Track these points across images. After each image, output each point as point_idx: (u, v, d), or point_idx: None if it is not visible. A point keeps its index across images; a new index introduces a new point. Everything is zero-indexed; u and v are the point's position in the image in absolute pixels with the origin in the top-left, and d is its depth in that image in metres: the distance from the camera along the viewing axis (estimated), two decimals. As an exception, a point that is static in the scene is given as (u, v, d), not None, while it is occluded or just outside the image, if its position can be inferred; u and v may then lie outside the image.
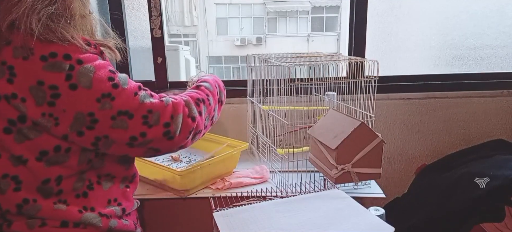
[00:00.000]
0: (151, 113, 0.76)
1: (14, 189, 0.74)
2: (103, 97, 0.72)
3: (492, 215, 1.28)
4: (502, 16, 1.82)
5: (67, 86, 0.69)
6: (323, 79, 1.44)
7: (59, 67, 0.69)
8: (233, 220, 0.88)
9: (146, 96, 0.78)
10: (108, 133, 0.74)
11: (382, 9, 1.77)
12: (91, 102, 0.71)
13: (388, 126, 1.74)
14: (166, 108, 0.78)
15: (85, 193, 0.80)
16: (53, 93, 0.69)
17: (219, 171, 1.31)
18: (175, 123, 0.78)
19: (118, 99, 0.73)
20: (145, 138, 0.76)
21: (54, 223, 0.76)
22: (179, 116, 0.79)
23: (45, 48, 0.69)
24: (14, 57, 0.69)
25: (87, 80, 0.70)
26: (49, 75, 0.69)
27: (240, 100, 1.66)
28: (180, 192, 1.21)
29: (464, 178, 1.38)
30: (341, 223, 0.86)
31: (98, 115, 0.72)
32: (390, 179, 1.79)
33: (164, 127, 0.77)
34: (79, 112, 0.71)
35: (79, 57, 0.71)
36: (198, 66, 11.66)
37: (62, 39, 0.70)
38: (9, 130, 0.71)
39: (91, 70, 0.71)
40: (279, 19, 12.27)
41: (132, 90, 0.76)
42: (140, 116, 0.75)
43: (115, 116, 0.73)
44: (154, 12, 1.60)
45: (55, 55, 0.69)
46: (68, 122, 0.71)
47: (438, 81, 1.75)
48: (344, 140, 1.06)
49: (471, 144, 1.73)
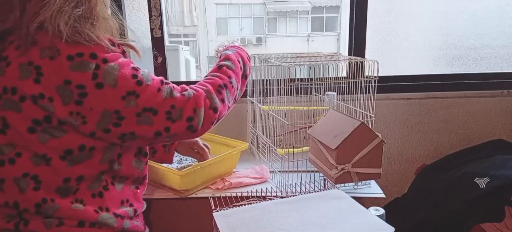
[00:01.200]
0: (174, 108, 0.78)
1: (33, 188, 0.74)
2: (128, 94, 0.74)
3: (492, 215, 1.28)
4: (502, 16, 1.82)
5: (93, 85, 0.71)
6: (323, 79, 1.44)
7: (85, 66, 0.71)
8: (233, 220, 0.88)
9: (169, 91, 0.80)
10: (134, 129, 0.76)
11: (382, 9, 1.77)
12: (117, 100, 0.73)
13: (388, 126, 1.74)
14: (188, 102, 0.80)
15: (100, 193, 0.81)
16: (80, 92, 0.71)
17: (219, 171, 1.31)
18: (198, 117, 0.81)
19: (143, 96, 0.75)
20: (169, 132, 0.79)
21: (71, 223, 0.77)
22: (201, 109, 0.81)
23: (72, 48, 0.71)
24: (41, 58, 0.70)
25: (112, 78, 0.73)
26: (76, 74, 0.70)
27: (240, 100, 1.63)
28: (180, 192, 1.21)
29: (464, 178, 1.38)
30: (341, 223, 0.86)
31: (124, 113, 0.74)
32: (390, 179, 1.79)
33: (187, 121, 0.80)
34: (106, 109, 0.73)
35: (104, 56, 0.73)
36: (198, 66, 11.66)
37: (88, 40, 0.72)
38: (33, 130, 0.72)
39: (115, 68, 0.73)
40: (279, 19, 12.28)
41: (156, 86, 0.78)
42: (164, 112, 0.77)
43: (140, 112, 0.75)
44: (154, 12, 1.60)
45: (82, 54, 0.71)
46: (95, 120, 0.73)
47: (438, 81, 1.75)
48: (344, 140, 1.06)
49: (471, 144, 1.73)
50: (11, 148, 0.73)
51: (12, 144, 0.73)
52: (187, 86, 0.85)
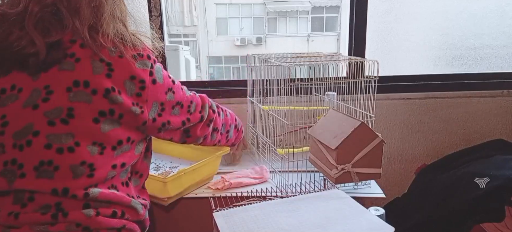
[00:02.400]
0: (191, 103, 1.01)
1: (87, 175, 0.79)
2: (168, 90, 0.91)
3: (492, 215, 1.28)
4: (502, 16, 1.82)
5: (150, 80, 0.86)
6: (323, 79, 1.44)
7: (145, 64, 0.85)
8: (233, 220, 0.88)
9: (187, 90, 1.01)
10: (170, 119, 0.93)
11: (382, 9, 1.77)
12: (163, 93, 0.90)
13: (388, 126, 1.74)
14: (199, 99, 1.05)
15: (127, 183, 0.90)
16: (141, 86, 0.84)
17: (200, 178, 1.27)
18: (205, 110, 1.05)
19: (176, 92, 0.95)
20: (190, 122, 1.01)
21: (107, 212, 0.82)
22: (206, 105, 1.06)
23: (132, 49, 0.85)
24: (110, 55, 0.81)
25: (161, 76, 0.89)
26: (139, 71, 0.84)
27: (240, 100, 1.66)
28: (162, 200, 1.17)
29: (464, 178, 1.38)
30: (341, 223, 0.86)
31: (165, 104, 0.91)
32: (390, 179, 1.79)
33: (199, 113, 1.04)
34: (155, 101, 0.88)
35: (153, 57, 0.89)
36: (198, 66, 11.67)
37: (140, 43, 0.88)
38: (97, 120, 0.79)
39: (160, 68, 0.90)
40: (279, 19, 12.28)
41: (180, 85, 0.98)
42: (187, 106, 0.99)
43: (174, 105, 0.94)
44: (154, 12, 1.60)
45: (142, 55, 0.86)
46: (148, 109, 0.87)
47: (438, 81, 1.75)
48: (344, 140, 1.06)
49: (471, 144, 1.73)
50: (70, 138, 0.77)
51: (72, 134, 0.77)
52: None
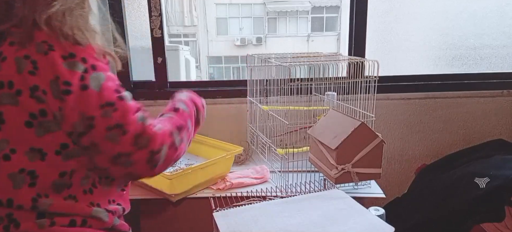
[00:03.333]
0: (142, 135, 0.77)
1: (29, 185, 0.74)
2: (107, 105, 0.74)
3: (492, 215, 1.28)
4: (502, 16, 1.82)
5: (79, 85, 0.72)
6: (323, 79, 1.44)
7: (76, 66, 0.72)
8: (233, 220, 0.88)
9: (144, 117, 0.79)
10: (99, 142, 0.75)
11: (382, 9, 1.77)
12: (96, 107, 0.73)
13: (388, 126, 1.74)
14: (157, 136, 0.79)
15: (91, 189, 0.81)
16: (65, 89, 0.72)
17: (211, 176, 1.30)
18: (161, 153, 0.80)
19: (120, 112, 0.75)
20: (129, 158, 0.77)
21: (63, 221, 0.77)
22: (165, 146, 0.81)
23: (65, 48, 0.73)
24: (37, 52, 0.72)
25: (97, 84, 0.74)
26: (66, 72, 0.71)
27: (240, 100, 1.66)
28: (170, 196, 1.20)
29: (464, 178, 1.38)
30: (341, 223, 0.86)
31: (97, 121, 0.74)
32: (390, 179, 1.79)
33: (149, 153, 0.78)
34: (82, 113, 0.73)
35: (94, 62, 0.74)
36: (198, 66, 11.66)
37: (81, 42, 0.74)
38: (30, 124, 0.72)
39: (102, 77, 0.75)
40: (279, 19, 12.27)
41: (134, 108, 0.79)
42: (133, 135, 0.76)
43: (111, 127, 0.74)
44: (154, 12, 1.60)
45: (74, 55, 0.73)
46: (73, 120, 0.73)
47: (438, 81, 1.75)
48: (344, 140, 1.06)
49: (471, 144, 1.73)
50: (4, 144, 0.73)
51: (6, 141, 0.73)
52: (156, 121, 0.84)
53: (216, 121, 1.68)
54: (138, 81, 1.71)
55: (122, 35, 1.63)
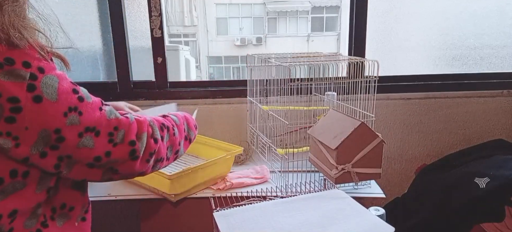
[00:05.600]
0: (117, 130, 0.70)
1: None
2: (70, 110, 0.63)
3: (492, 215, 1.28)
4: (502, 16, 1.82)
5: (30, 98, 0.58)
6: (323, 79, 1.44)
7: (18, 75, 0.58)
8: (233, 220, 0.88)
9: (112, 111, 0.71)
10: (72, 153, 0.65)
11: (382, 9, 1.77)
12: (58, 116, 0.61)
13: (388, 126, 1.74)
14: (131, 125, 0.72)
15: (39, 230, 0.68)
16: (12, 106, 0.57)
17: (211, 176, 1.30)
18: (141, 142, 0.73)
19: (86, 114, 0.65)
20: (109, 158, 0.69)
21: None
22: (144, 134, 0.74)
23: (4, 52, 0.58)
24: None
25: (52, 91, 0.61)
26: (7, 85, 0.57)
27: (240, 100, 1.66)
28: (170, 196, 1.21)
29: (464, 178, 1.38)
30: (341, 223, 0.86)
31: (65, 132, 0.63)
32: (390, 179, 1.79)
33: (129, 145, 0.71)
34: (44, 129, 0.61)
35: (39, 64, 0.60)
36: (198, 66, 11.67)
37: (19, 43, 0.59)
38: None
39: (55, 80, 0.62)
40: (279, 19, 12.27)
41: (97, 105, 0.69)
42: (106, 134, 0.68)
43: (82, 133, 0.65)
44: (154, 12, 1.60)
45: (12, 62, 0.58)
46: (30, 142, 0.60)
47: (438, 81, 1.75)
48: (344, 140, 1.06)
49: (471, 144, 1.73)
50: None
51: None
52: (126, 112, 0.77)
53: (216, 121, 1.68)
54: (138, 81, 1.71)
55: (122, 35, 1.63)
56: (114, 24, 1.62)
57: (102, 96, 0.73)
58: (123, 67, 1.66)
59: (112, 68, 1.69)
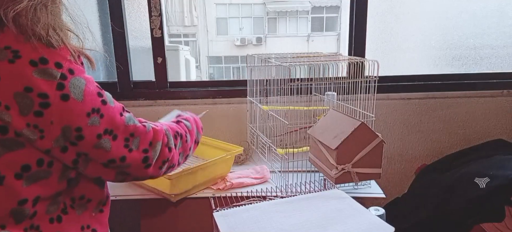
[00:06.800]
0: (133, 136, 0.74)
1: None
2: (93, 112, 0.67)
3: (492, 215, 1.28)
4: (502, 16, 1.82)
5: (58, 96, 0.63)
6: (323, 79, 1.44)
7: (49, 74, 0.62)
8: (233, 220, 0.88)
9: (131, 118, 0.75)
10: (89, 151, 0.69)
11: (382, 9, 1.77)
12: (82, 116, 0.66)
13: (388, 126, 1.74)
14: (147, 134, 0.76)
15: (59, 217, 0.72)
16: (42, 102, 0.62)
17: (211, 176, 1.30)
18: (154, 150, 0.77)
19: (107, 116, 0.70)
20: (123, 162, 0.73)
21: None
22: (159, 143, 0.78)
23: (35, 52, 0.62)
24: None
25: (79, 92, 0.66)
26: (39, 81, 0.62)
27: (240, 100, 1.66)
28: (170, 196, 1.21)
29: (464, 178, 1.38)
30: (341, 223, 0.86)
31: (85, 131, 0.67)
32: (390, 179, 1.79)
33: (143, 152, 0.75)
34: (67, 125, 0.65)
35: (70, 66, 0.65)
36: (198, 66, 11.66)
37: (55, 44, 0.64)
38: None
39: (82, 82, 0.67)
40: (279, 19, 12.27)
41: (118, 110, 0.73)
42: (123, 138, 0.72)
43: (101, 134, 0.69)
44: (154, 12, 1.60)
45: (46, 61, 0.63)
46: (54, 136, 0.65)
47: (438, 81, 1.75)
48: (344, 140, 1.06)
49: (471, 144, 1.73)
50: None
51: None
52: (145, 120, 0.81)
53: (216, 121, 1.68)
54: (138, 81, 1.71)
55: (122, 35, 1.63)
56: (114, 24, 1.62)
57: None
58: (123, 67, 1.66)
59: (112, 68, 1.69)
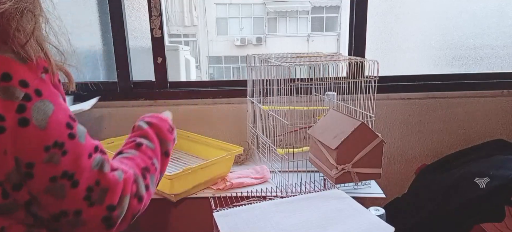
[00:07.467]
0: (98, 186, 0.59)
1: None
2: (54, 146, 0.55)
3: (492, 215, 1.28)
4: (502, 16, 1.82)
5: (16, 120, 0.52)
6: (323, 79, 1.44)
7: (11, 94, 0.52)
8: (233, 220, 0.88)
9: (101, 162, 0.60)
10: (37, 196, 0.56)
11: (382, 9, 1.77)
12: (38, 150, 0.54)
13: (388, 126, 1.74)
14: (117, 186, 0.61)
15: None
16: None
17: (211, 176, 1.30)
18: (121, 207, 0.62)
19: (71, 155, 0.56)
20: (77, 217, 0.58)
21: None
22: (126, 197, 0.63)
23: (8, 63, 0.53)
24: None
25: (43, 118, 0.54)
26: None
27: (240, 100, 1.66)
28: (170, 196, 1.21)
29: (464, 178, 1.38)
30: (341, 223, 0.86)
31: (37, 170, 0.54)
32: (390, 179, 1.79)
33: (107, 210, 0.59)
34: (18, 157, 0.53)
35: (38, 87, 0.55)
36: (198, 66, 11.67)
37: (30, 55, 0.54)
38: None
39: (50, 107, 0.55)
40: (279, 19, 12.27)
41: (88, 149, 0.59)
42: (85, 188, 0.57)
43: (57, 177, 0.55)
44: (154, 12, 1.60)
45: (9, 78, 0.52)
46: (6, 169, 0.54)
47: (438, 81, 1.75)
48: (344, 140, 1.06)
49: (471, 144, 1.73)
50: None
51: None
52: (116, 163, 0.66)
53: (216, 121, 1.68)
54: (138, 81, 1.71)
55: (122, 35, 1.63)
56: (114, 24, 1.62)
57: (102, 96, 0.69)
58: (123, 67, 1.66)
59: (112, 68, 1.69)
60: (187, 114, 1.67)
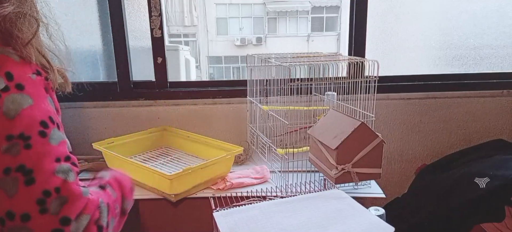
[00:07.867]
0: (58, 193, 0.53)
1: None
2: (18, 137, 0.52)
3: (492, 215, 1.28)
4: (502, 16, 1.82)
5: None
6: (323, 79, 1.44)
7: None
8: (233, 220, 0.88)
9: (67, 171, 0.55)
10: None
11: (382, 9, 1.77)
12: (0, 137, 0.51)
13: (388, 126, 1.74)
14: (80, 200, 0.55)
15: None
16: None
17: (211, 175, 1.31)
18: (77, 225, 0.55)
19: (34, 152, 0.53)
20: (24, 223, 0.52)
21: None
22: (86, 217, 0.56)
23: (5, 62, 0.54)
24: None
25: (15, 108, 0.52)
26: None
27: (240, 100, 1.66)
28: (170, 196, 1.21)
29: (464, 178, 1.38)
30: (341, 223, 0.86)
31: None
32: (390, 179, 1.79)
33: (60, 223, 0.53)
34: None
35: (22, 82, 0.54)
36: (198, 66, 11.67)
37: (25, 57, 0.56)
38: None
39: (28, 101, 0.54)
40: (279, 19, 12.27)
41: (57, 154, 0.55)
42: (41, 191, 0.52)
43: (11, 169, 0.51)
44: (154, 12, 1.60)
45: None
46: None
47: (438, 81, 1.75)
48: (344, 140, 1.06)
49: (471, 144, 1.73)
50: None
51: None
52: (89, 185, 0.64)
53: (216, 121, 1.68)
54: (138, 81, 1.71)
55: (122, 35, 1.63)
56: (114, 24, 1.62)
57: (102, 96, 0.67)
58: (123, 67, 1.66)
59: (112, 68, 1.69)
60: (187, 114, 1.67)
